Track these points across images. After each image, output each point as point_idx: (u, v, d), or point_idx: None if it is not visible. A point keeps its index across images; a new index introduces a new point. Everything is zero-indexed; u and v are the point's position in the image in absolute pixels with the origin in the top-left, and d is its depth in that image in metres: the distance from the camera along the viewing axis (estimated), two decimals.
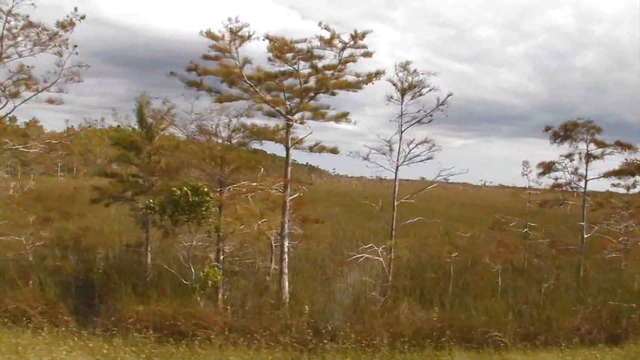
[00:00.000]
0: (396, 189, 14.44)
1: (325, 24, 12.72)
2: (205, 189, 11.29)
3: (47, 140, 13.63)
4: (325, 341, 10.23)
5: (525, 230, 19.54)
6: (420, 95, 13.93)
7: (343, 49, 12.92)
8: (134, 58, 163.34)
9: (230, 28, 12.32)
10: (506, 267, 15.54)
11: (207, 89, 13.59)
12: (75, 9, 11.36)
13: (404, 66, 13.76)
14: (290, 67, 13.20)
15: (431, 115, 14.01)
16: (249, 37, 12.52)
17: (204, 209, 11.04)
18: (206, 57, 13.03)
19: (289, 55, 12.92)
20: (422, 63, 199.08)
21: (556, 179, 15.76)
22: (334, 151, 14.38)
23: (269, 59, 13.17)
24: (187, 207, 10.89)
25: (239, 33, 12.48)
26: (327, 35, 12.77)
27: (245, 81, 13.08)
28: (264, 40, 12.81)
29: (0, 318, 10.48)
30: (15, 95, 11.50)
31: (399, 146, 14.60)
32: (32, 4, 10.60)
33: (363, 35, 12.78)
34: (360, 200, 39.22)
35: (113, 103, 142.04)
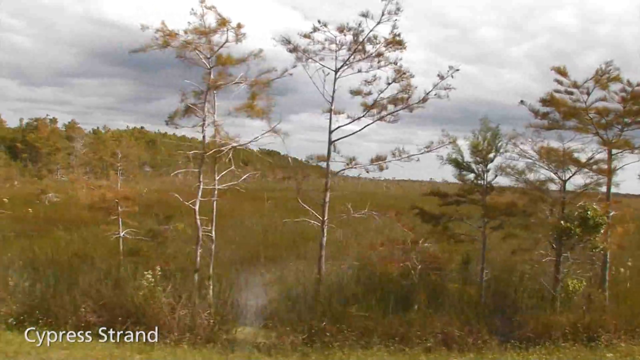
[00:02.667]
0: None
1: None
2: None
3: None
4: None
5: None
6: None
7: None
8: (136, 58, 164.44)
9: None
10: None
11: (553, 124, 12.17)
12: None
13: None
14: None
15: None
16: None
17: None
18: None
19: None
20: (426, 64, 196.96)
21: None
22: None
23: None
24: (593, 226, 10.85)
25: None
26: None
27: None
28: None
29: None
30: None
31: None
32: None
33: None
34: None
35: (115, 104, 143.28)
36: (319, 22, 11.43)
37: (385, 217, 12.92)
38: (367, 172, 12.56)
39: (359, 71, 11.73)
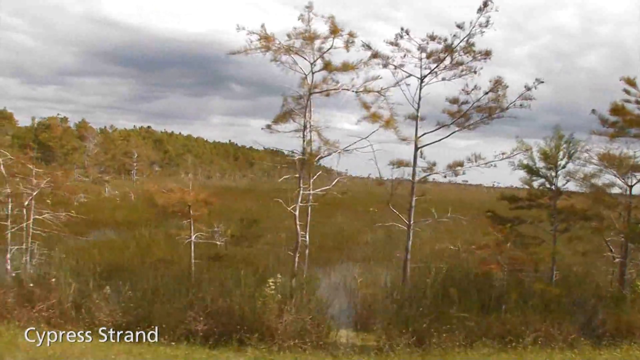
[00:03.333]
0: None
1: None
2: None
3: None
4: None
5: None
6: None
7: None
8: (137, 58, 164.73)
9: None
10: None
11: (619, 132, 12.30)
12: None
13: None
14: None
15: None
16: None
17: None
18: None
19: None
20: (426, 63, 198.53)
21: None
22: None
23: None
24: None
25: None
26: None
27: None
28: None
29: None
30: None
31: None
32: None
33: None
34: None
35: (116, 103, 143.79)
36: (402, 29, 11.82)
37: (468, 220, 13.25)
38: (445, 177, 12.99)
39: (443, 79, 12.16)
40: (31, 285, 10.81)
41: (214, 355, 8.63)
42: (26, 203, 12.71)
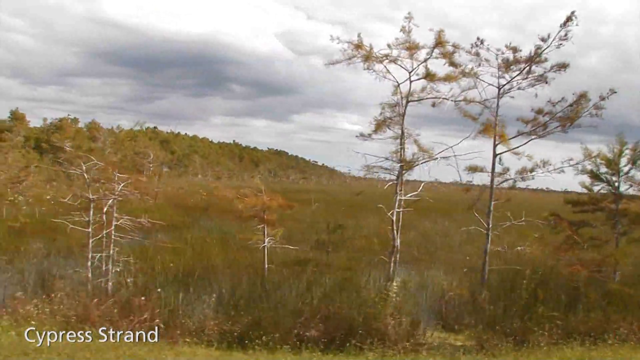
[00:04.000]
0: None
1: None
2: None
3: None
4: None
5: None
6: None
7: None
8: (138, 58, 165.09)
9: None
10: None
11: None
12: None
13: None
14: None
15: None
16: None
17: None
18: None
19: None
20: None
21: None
22: None
23: None
24: None
25: None
26: None
27: None
28: None
29: None
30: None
31: None
32: None
33: None
34: None
35: (116, 103, 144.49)
36: (478, 39, 12.28)
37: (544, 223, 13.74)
38: (516, 181, 13.52)
39: (519, 89, 12.69)
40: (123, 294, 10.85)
41: None
42: (105, 209, 12.75)
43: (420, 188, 12.75)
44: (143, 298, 10.32)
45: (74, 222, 12.42)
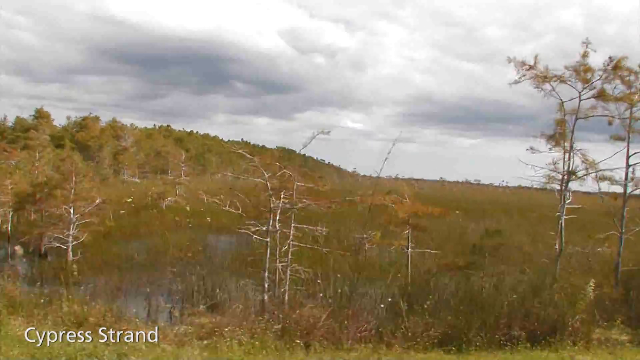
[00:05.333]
0: None
1: None
2: None
3: None
4: None
5: None
6: None
7: None
8: (141, 55, 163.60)
9: None
10: None
11: None
12: None
13: None
14: None
15: None
16: None
17: None
18: None
19: None
20: (431, 63, 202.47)
21: None
22: None
23: None
24: None
25: None
26: None
27: None
28: None
29: None
30: None
31: None
32: None
33: None
34: None
35: (120, 101, 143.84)
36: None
37: None
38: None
39: None
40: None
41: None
42: (276, 217, 12.96)
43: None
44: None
45: (252, 232, 12.81)
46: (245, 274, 14.95)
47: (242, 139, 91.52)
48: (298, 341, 9.19)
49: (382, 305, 12.21)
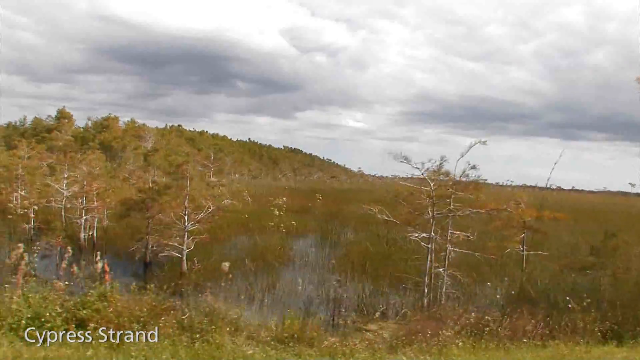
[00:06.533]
0: None
1: None
2: None
3: None
4: None
5: None
6: None
7: None
8: (142, 55, 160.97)
9: None
10: None
11: None
12: None
13: None
14: None
15: None
16: None
17: None
18: None
19: None
20: (432, 61, 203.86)
21: None
22: None
23: None
24: None
25: None
26: None
27: None
28: None
29: None
30: None
31: None
32: None
33: None
34: None
35: (121, 100, 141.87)
36: None
37: None
38: None
39: None
40: None
41: None
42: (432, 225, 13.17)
43: None
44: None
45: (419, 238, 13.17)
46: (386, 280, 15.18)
47: (249, 138, 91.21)
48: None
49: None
